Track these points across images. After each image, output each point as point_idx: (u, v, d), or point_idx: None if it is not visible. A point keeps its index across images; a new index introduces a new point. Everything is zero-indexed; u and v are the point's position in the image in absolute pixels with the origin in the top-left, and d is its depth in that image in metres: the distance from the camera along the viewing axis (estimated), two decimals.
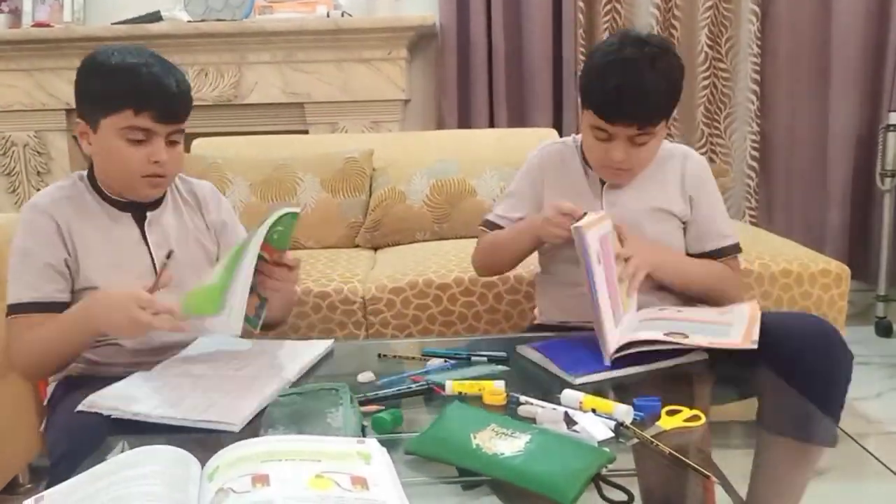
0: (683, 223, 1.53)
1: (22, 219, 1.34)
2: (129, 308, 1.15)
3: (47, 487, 0.85)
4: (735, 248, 1.54)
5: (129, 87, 1.27)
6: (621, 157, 1.40)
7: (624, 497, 0.88)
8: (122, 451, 0.94)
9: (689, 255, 1.54)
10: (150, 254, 1.38)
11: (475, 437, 0.96)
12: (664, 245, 1.50)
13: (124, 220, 1.38)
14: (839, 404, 1.32)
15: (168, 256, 1.33)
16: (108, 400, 1.11)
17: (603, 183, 1.52)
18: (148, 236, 1.38)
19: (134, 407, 1.09)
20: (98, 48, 1.33)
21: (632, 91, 1.34)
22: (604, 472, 0.92)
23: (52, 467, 1.12)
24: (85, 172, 1.40)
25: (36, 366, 1.31)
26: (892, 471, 0.95)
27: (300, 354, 1.30)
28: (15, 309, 1.30)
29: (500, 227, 1.61)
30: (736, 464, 1.04)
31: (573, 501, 0.86)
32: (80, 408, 1.10)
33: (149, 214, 1.39)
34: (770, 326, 1.29)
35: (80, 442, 1.06)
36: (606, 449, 0.96)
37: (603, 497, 0.88)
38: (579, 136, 1.56)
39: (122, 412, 1.08)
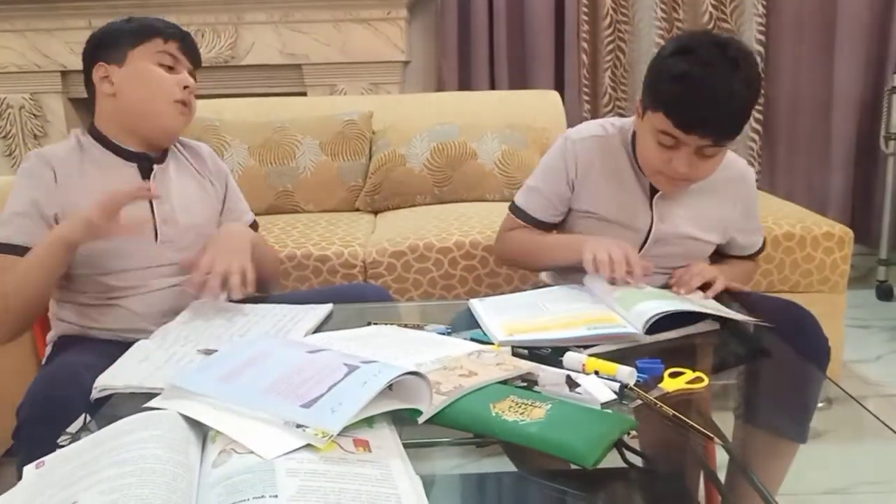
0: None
1: (22, 165, 1.36)
2: (89, 210, 1.20)
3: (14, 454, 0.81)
4: (763, 247, 1.57)
5: (155, 23, 1.41)
6: (685, 169, 1.29)
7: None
8: (85, 425, 0.93)
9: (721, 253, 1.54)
10: (151, 205, 1.38)
11: (494, 408, 0.95)
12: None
13: (130, 170, 1.40)
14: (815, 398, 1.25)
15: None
16: (120, 379, 1.05)
17: (654, 191, 1.42)
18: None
19: (149, 382, 1.02)
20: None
21: (718, 102, 1.21)
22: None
23: (16, 431, 1.08)
24: (85, 129, 1.42)
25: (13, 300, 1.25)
26: (892, 429, 0.95)
27: (302, 319, 1.29)
28: None
29: (528, 217, 1.52)
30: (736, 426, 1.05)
31: (595, 464, 0.85)
32: (94, 395, 1.02)
33: (156, 167, 1.42)
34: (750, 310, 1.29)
35: (43, 409, 1.06)
36: (630, 416, 0.95)
37: (626, 462, 0.88)
38: (620, 124, 1.45)
39: (137, 388, 1.01)
